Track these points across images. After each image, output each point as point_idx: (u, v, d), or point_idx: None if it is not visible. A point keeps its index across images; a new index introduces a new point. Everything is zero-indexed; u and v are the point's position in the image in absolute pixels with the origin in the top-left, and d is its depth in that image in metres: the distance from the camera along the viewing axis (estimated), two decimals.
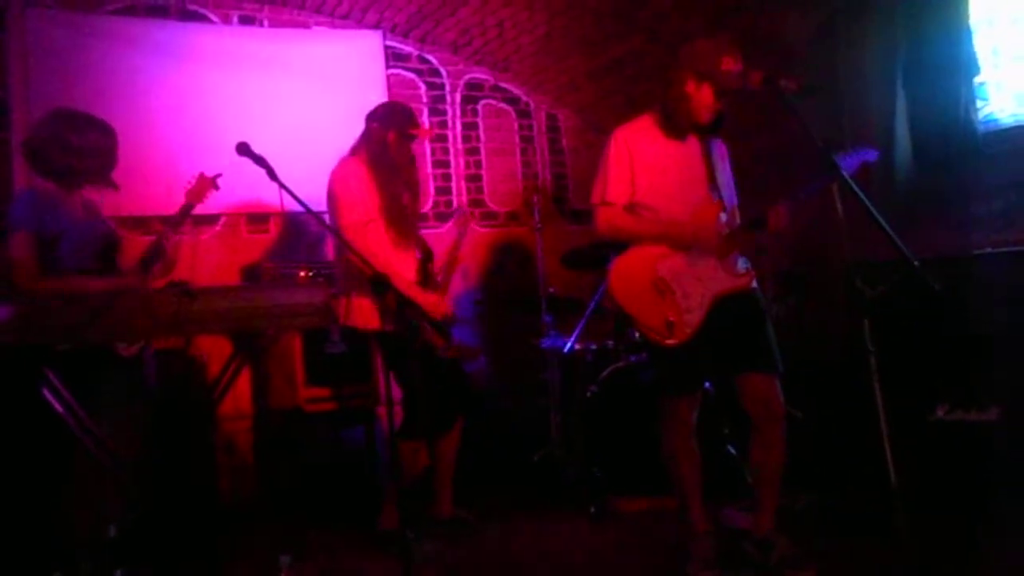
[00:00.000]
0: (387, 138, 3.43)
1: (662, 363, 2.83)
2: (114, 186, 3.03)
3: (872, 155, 2.67)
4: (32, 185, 2.97)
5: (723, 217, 2.79)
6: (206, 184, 3.23)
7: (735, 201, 2.94)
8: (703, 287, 2.73)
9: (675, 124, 2.80)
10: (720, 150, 2.93)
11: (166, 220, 3.17)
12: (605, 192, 2.85)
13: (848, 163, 2.54)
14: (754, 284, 2.82)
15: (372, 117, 3.50)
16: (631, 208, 2.84)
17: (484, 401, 4.67)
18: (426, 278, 3.53)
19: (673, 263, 2.76)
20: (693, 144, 2.84)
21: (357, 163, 3.41)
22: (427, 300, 3.38)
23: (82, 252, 2.90)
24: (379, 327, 3.25)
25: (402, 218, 3.42)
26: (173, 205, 3.84)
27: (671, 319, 2.71)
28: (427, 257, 3.59)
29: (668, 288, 2.74)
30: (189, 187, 3.23)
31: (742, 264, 2.81)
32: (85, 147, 2.89)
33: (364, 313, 3.29)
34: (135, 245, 3.19)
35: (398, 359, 3.24)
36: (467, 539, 3.45)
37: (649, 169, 2.82)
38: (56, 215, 2.86)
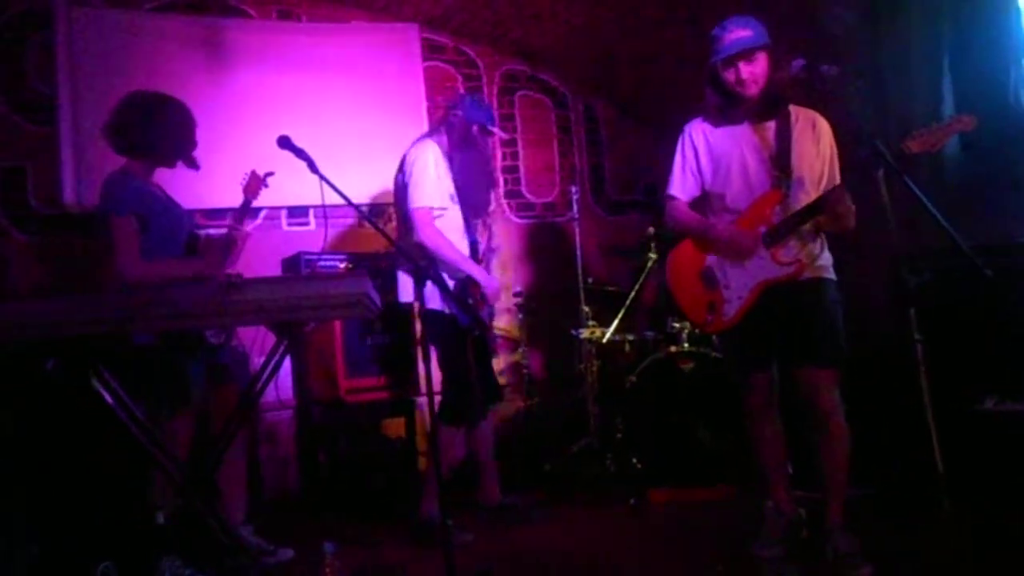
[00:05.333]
0: (471, 129, 3.47)
1: (725, 346, 2.99)
2: (196, 165, 3.13)
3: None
4: (123, 168, 3.03)
5: (779, 209, 2.72)
6: (257, 180, 3.37)
7: (815, 176, 2.78)
8: (746, 276, 2.76)
9: (721, 111, 2.83)
10: (803, 124, 2.79)
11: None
12: (670, 186, 2.97)
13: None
14: (821, 274, 2.75)
15: (457, 106, 3.53)
16: (705, 197, 2.91)
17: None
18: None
19: (719, 254, 2.82)
20: (761, 125, 2.80)
21: (436, 147, 3.44)
22: (488, 281, 3.45)
23: (172, 238, 3.01)
24: (436, 308, 3.29)
25: (475, 208, 3.51)
26: (211, 198, 3.91)
27: (714, 308, 2.80)
28: (474, 248, 3.62)
29: (714, 278, 2.82)
30: (244, 184, 3.36)
31: (786, 253, 2.73)
32: (170, 121, 3.01)
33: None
34: None
35: (448, 342, 3.28)
36: (507, 527, 3.46)
37: (712, 158, 2.88)
38: (151, 197, 2.98)
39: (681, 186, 2.94)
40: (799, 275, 2.73)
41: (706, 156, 2.89)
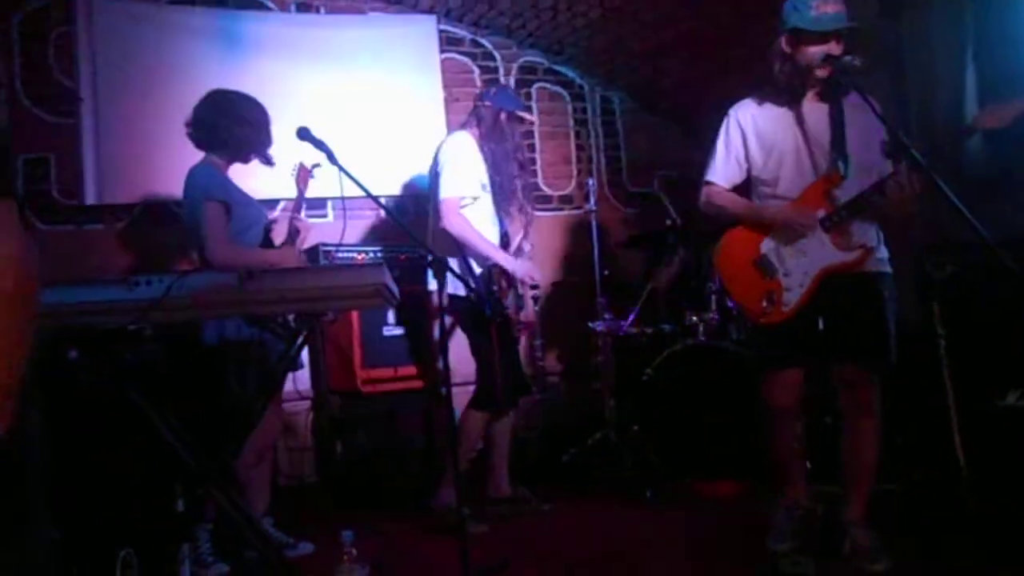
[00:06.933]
0: (500, 117, 3.51)
1: (760, 338, 2.78)
2: (271, 162, 3.22)
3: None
4: (204, 161, 3.10)
5: (837, 193, 2.57)
6: (306, 172, 3.47)
7: (873, 160, 2.61)
8: (806, 263, 2.60)
9: (783, 90, 2.66)
10: (854, 106, 2.59)
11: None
12: (710, 171, 2.82)
13: None
14: (882, 268, 2.64)
15: (484, 96, 3.61)
16: (751, 184, 2.78)
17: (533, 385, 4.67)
18: None
19: (775, 240, 2.66)
20: (814, 108, 2.66)
21: (469, 137, 3.51)
22: (520, 267, 3.52)
23: (254, 228, 3.10)
24: (463, 294, 3.34)
25: (506, 197, 3.54)
26: None
27: (772, 298, 2.62)
28: (504, 238, 3.66)
29: (771, 266, 2.65)
30: (295, 176, 3.48)
31: (845, 240, 2.58)
32: (253, 120, 3.10)
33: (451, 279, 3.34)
34: None
35: (480, 330, 3.36)
36: (522, 518, 3.47)
37: (762, 143, 2.72)
38: (234, 189, 3.08)
39: (723, 172, 2.78)
40: (862, 263, 2.58)
41: (755, 140, 2.72)
